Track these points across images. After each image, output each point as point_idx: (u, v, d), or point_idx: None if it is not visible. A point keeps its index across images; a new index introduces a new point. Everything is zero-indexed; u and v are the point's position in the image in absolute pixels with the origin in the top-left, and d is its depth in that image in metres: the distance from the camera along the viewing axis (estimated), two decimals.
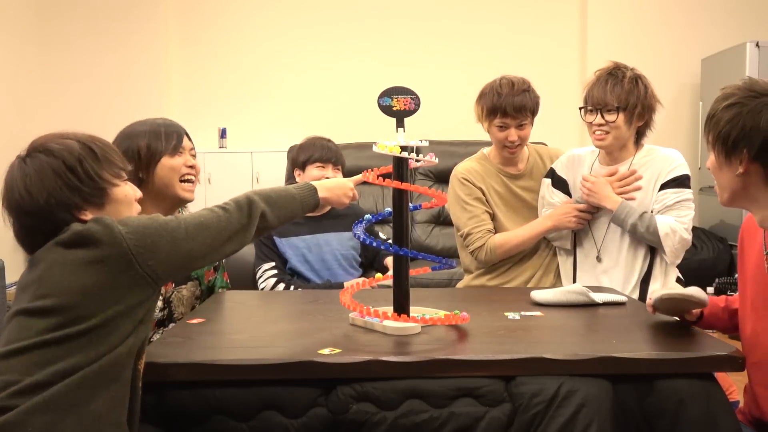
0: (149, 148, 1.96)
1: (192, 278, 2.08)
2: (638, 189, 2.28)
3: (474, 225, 2.43)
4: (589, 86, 2.27)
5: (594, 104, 2.24)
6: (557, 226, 2.39)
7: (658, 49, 4.86)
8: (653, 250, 2.28)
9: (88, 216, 1.34)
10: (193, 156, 2.06)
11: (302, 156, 2.68)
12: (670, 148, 2.32)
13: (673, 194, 2.24)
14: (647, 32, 4.89)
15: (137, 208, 1.44)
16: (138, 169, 1.93)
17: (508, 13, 5.02)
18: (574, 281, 2.37)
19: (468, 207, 2.45)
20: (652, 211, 2.25)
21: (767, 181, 1.43)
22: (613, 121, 2.21)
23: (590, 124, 2.27)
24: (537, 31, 5.00)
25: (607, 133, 2.24)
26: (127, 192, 1.41)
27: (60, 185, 1.31)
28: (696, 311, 1.66)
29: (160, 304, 1.97)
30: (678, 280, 2.33)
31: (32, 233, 1.34)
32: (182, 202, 2.05)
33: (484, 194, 2.47)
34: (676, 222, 2.20)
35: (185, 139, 2.04)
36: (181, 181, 2.00)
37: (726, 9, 4.87)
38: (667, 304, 1.64)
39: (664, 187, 2.25)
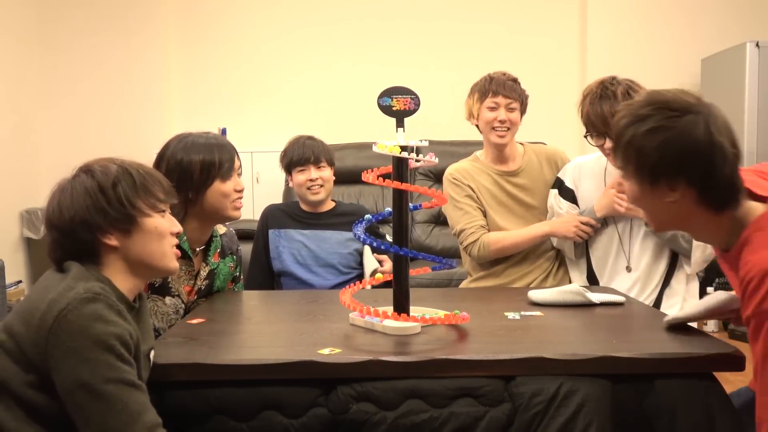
0: (202, 170, 1.94)
1: (214, 292, 2.09)
2: None
3: (467, 221, 2.45)
4: (585, 110, 2.18)
5: (597, 130, 2.16)
6: (554, 232, 2.39)
7: (658, 49, 4.86)
8: (674, 258, 2.26)
9: (113, 240, 1.35)
10: (240, 174, 2.06)
11: (285, 161, 2.69)
12: None
13: None
14: (647, 32, 4.89)
15: (171, 241, 1.43)
16: (188, 189, 1.91)
17: (508, 13, 5.01)
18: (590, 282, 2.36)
19: (459, 205, 2.47)
20: None
21: (699, 205, 1.34)
22: None
23: (601, 147, 2.20)
24: (537, 31, 5.00)
25: None
26: (159, 224, 1.40)
27: (88, 205, 1.33)
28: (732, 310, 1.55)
29: (182, 313, 1.97)
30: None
31: (57, 248, 1.36)
32: (229, 220, 2.06)
33: (474, 191, 2.48)
34: None
35: (236, 158, 2.04)
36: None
37: (726, 9, 4.86)
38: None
39: None
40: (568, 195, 2.41)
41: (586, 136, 2.24)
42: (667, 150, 1.30)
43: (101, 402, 1.20)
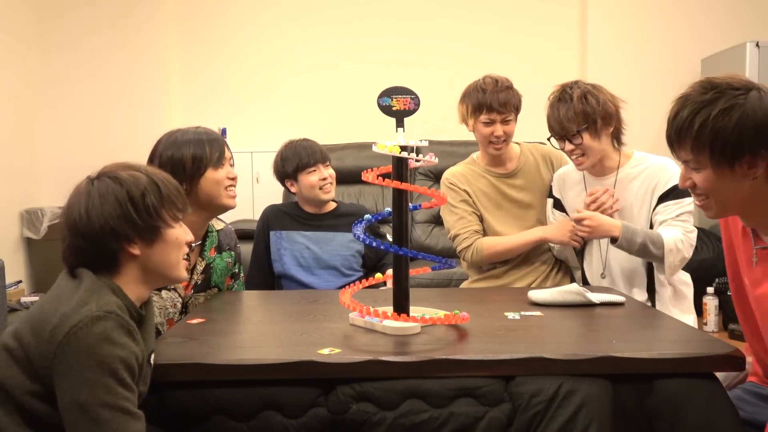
0: (194, 159, 1.96)
1: (211, 286, 2.10)
2: (616, 210, 2.24)
3: (461, 226, 2.45)
4: (547, 115, 2.27)
5: (556, 133, 2.24)
6: (548, 238, 2.39)
7: (658, 49, 4.86)
8: (650, 266, 2.26)
9: (136, 250, 1.35)
10: (232, 165, 2.07)
11: (289, 166, 2.65)
12: (663, 157, 2.24)
13: (675, 206, 2.18)
14: (647, 32, 4.89)
15: (185, 250, 1.45)
16: (182, 181, 1.91)
17: (508, 13, 5.01)
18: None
19: (455, 210, 2.48)
20: (652, 224, 2.22)
21: (766, 181, 1.38)
22: (581, 143, 2.20)
23: (562, 149, 2.27)
24: (537, 31, 5.00)
25: (583, 155, 2.23)
26: (178, 235, 1.42)
27: (118, 214, 1.33)
28: None
29: (179, 306, 1.98)
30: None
31: (78, 254, 1.35)
32: (225, 210, 2.07)
33: (469, 196, 2.48)
34: (683, 235, 2.15)
35: (226, 148, 2.05)
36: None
37: (726, 9, 4.86)
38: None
39: (663, 198, 2.20)
40: (557, 205, 2.44)
41: (548, 139, 2.30)
42: (746, 125, 1.32)
43: (93, 425, 1.19)
